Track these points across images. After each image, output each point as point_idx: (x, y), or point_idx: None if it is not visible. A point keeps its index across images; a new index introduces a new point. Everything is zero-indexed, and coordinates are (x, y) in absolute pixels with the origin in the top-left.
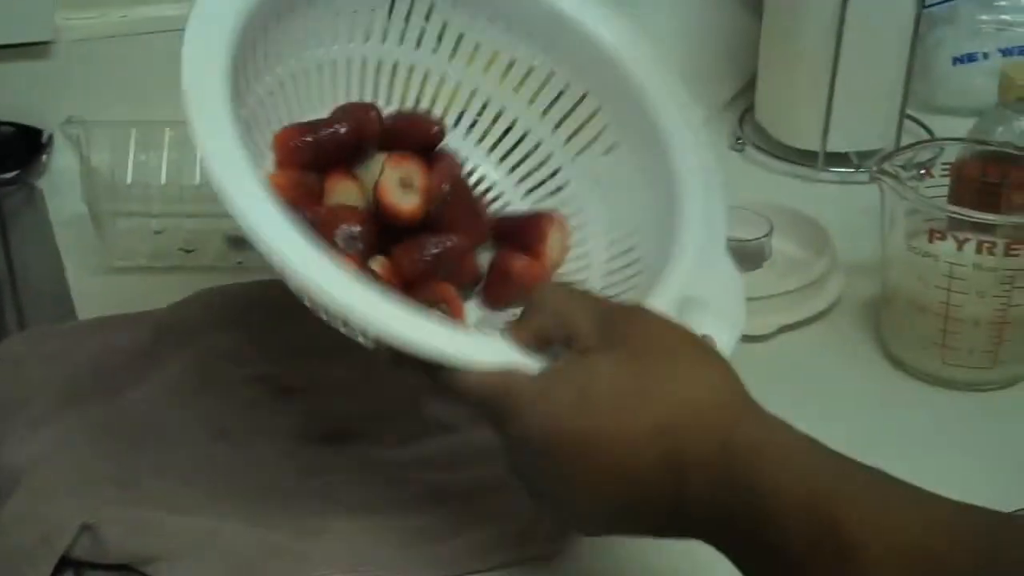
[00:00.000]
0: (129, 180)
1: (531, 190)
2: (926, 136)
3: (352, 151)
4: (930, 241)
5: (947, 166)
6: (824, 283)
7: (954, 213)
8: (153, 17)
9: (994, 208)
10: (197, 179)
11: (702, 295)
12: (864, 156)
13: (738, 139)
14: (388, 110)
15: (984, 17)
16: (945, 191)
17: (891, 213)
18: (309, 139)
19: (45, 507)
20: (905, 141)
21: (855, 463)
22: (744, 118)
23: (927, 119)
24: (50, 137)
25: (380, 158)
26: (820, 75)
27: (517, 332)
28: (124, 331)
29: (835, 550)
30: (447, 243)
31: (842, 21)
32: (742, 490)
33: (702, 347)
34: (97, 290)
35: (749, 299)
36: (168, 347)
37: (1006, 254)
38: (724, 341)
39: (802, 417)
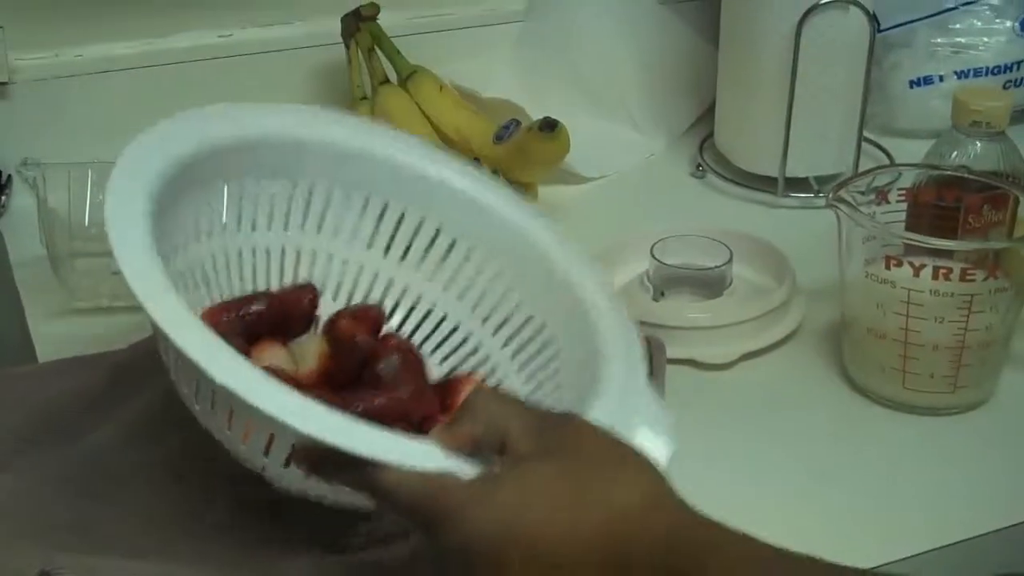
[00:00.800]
0: (87, 220)
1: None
2: (885, 160)
3: (278, 327)
4: (887, 268)
5: (903, 191)
6: (785, 310)
7: (909, 240)
8: (108, 56)
9: (951, 232)
10: None
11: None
12: (823, 181)
13: (699, 166)
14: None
15: (939, 40)
16: (902, 216)
17: (848, 240)
18: (232, 316)
19: (3, 555)
20: (864, 165)
21: (801, 559)
22: (704, 145)
23: (886, 142)
24: (9, 177)
25: (317, 337)
26: (777, 101)
27: (448, 437)
28: (83, 374)
29: None
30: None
31: (797, 47)
32: None
33: (635, 454)
34: (58, 331)
35: (710, 328)
36: (127, 388)
37: (962, 279)
38: (660, 455)
39: (765, 444)
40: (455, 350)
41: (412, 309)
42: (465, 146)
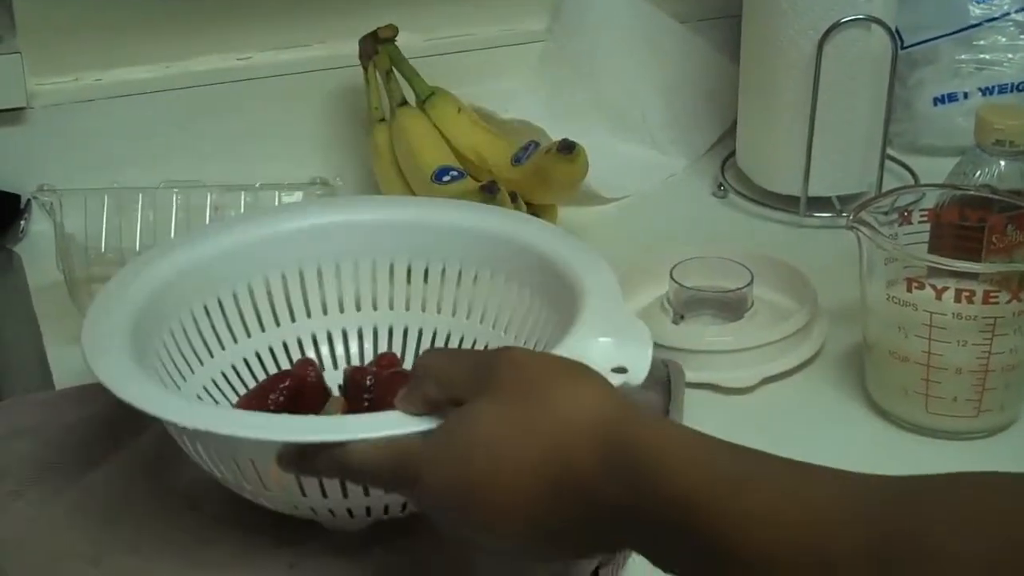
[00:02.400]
0: (104, 246)
1: None
2: (909, 178)
3: (296, 405)
4: (908, 290)
5: (926, 211)
6: (807, 333)
7: (931, 262)
8: (126, 80)
9: (974, 253)
10: None
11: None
12: (846, 200)
13: (720, 186)
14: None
15: (964, 57)
16: (925, 236)
17: (869, 262)
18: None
19: None
20: (888, 183)
21: (744, 449)
22: (726, 164)
23: (910, 160)
24: (28, 202)
25: (337, 398)
26: (799, 120)
27: (405, 402)
28: (100, 401)
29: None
30: None
31: (818, 66)
32: (641, 486)
33: (573, 370)
34: (75, 358)
35: (730, 351)
36: (143, 416)
37: (985, 301)
38: (638, 367)
39: None
40: None
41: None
42: (483, 167)
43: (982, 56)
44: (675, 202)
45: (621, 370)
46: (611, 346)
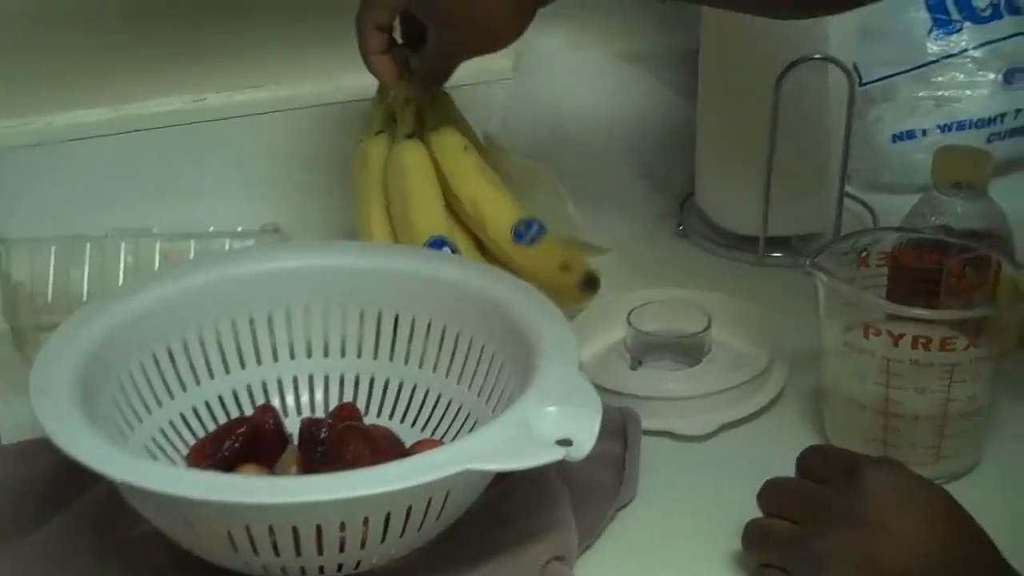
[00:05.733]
0: (50, 295)
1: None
2: (868, 217)
3: (255, 453)
4: (865, 336)
5: (883, 255)
6: (766, 378)
7: (885, 309)
8: (77, 123)
9: (933, 295)
10: None
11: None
12: (806, 240)
13: (680, 226)
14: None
15: (922, 93)
16: (884, 280)
17: (827, 307)
18: (212, 457)
19: None
20: (847, 222)
21: None
22: (686, 204)
23: (869, 197)
24: None
25: (292, 448)
26: (757, 160)
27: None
28: (46, 457)
29: None
30: None
31: (776, 105)
32: None
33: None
34: (22, 411)
35: (688, 398)
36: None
37: (942, 348)
38: (583, 439)
39: (747, 516)
40: (440, 414)
41: (398, 392)
42: (477, 226)
43: (940, 93)
44: (637, 242)
45: (566, 442)
46: (557, 416)
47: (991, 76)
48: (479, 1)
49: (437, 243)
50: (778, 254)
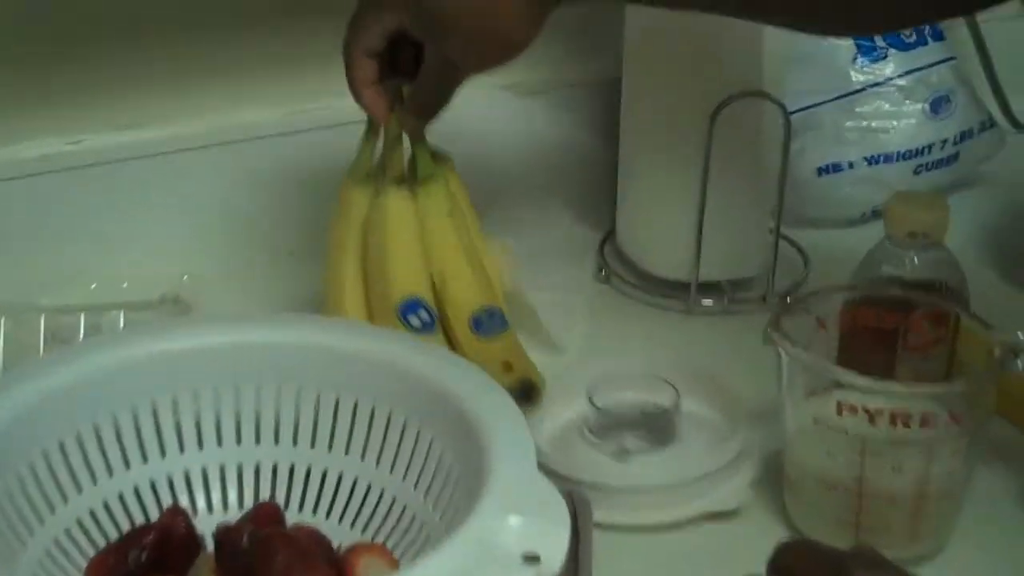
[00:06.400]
0: None
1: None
2: (798, 258)
3: (163, 562)
4: (839, 414)
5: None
6: (741, 459)
7: (876, 389)
8: None
9: (890, 354)
10: None
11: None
12: (737, 285)
13: (601, 269)
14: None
15: (848, 124)
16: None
17: (790, 379)
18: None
19: None
20: (778, 263)
21: None
22: (604, 245)
23: (795, 233)
24: None
25: (206, 555)
26: (687, 200)
27: None
28: None
29: None
30: None
31: (709, 143)
32: None
33: None
34: None
35: (663, 487)
36: None
37: (922, 425)
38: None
39: None
40: (371, 509)
41: (321, 483)
42: (441, 300)
43: (866, 123)
44: (555, 287)
45: (533, 558)
46: (522, 528)
47: (918, 105)
48: (494, 6)
49: (413, 305)
50: (708, 301)
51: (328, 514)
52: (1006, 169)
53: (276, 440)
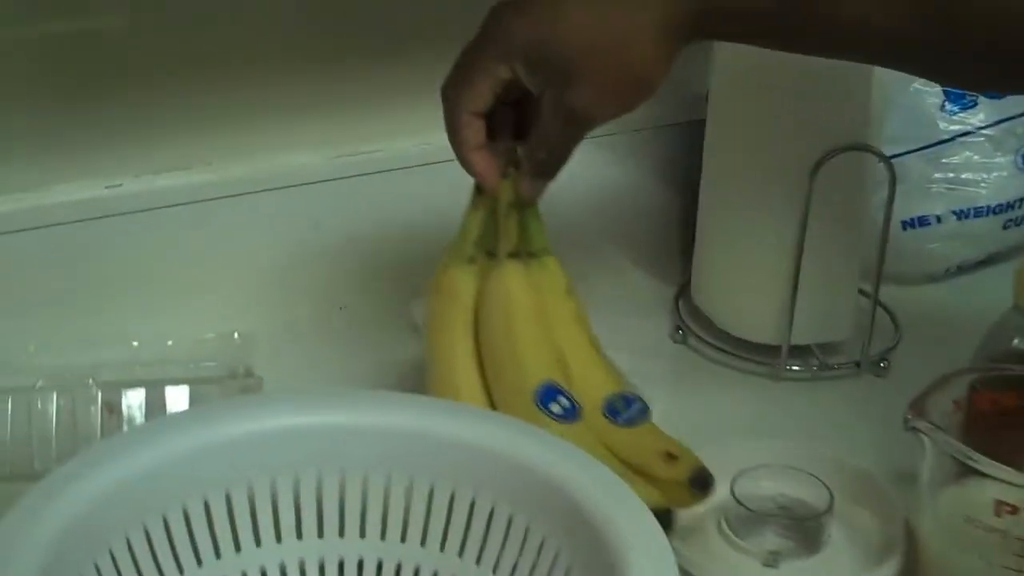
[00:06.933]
0: None
1: None
2: (885, 317)
3: None
4: (997, 515)
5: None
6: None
7: None
8: None
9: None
10: None
11: None
12: (825, 349)
13: (679, 329)
14: None
15: (935, 176)
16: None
17: (936, 473)
18: None
19: None
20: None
21: None
22: (679, 304)
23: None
24: None
25: None
26: (781, 260)
27: None
28: None
29: None
30: None
31: (809, 198)
32: None
33: None
34: None
35: None
36: None
37: None
38: None
39: None
40: None
41: None
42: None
43: (953, 175)
44: (626, 350)
45: None
46: None
47: (1008, 157)
48: (628, 44)
49: (550, 391)
50: (796, 367)
51: None
52: None
53: (382, 535)
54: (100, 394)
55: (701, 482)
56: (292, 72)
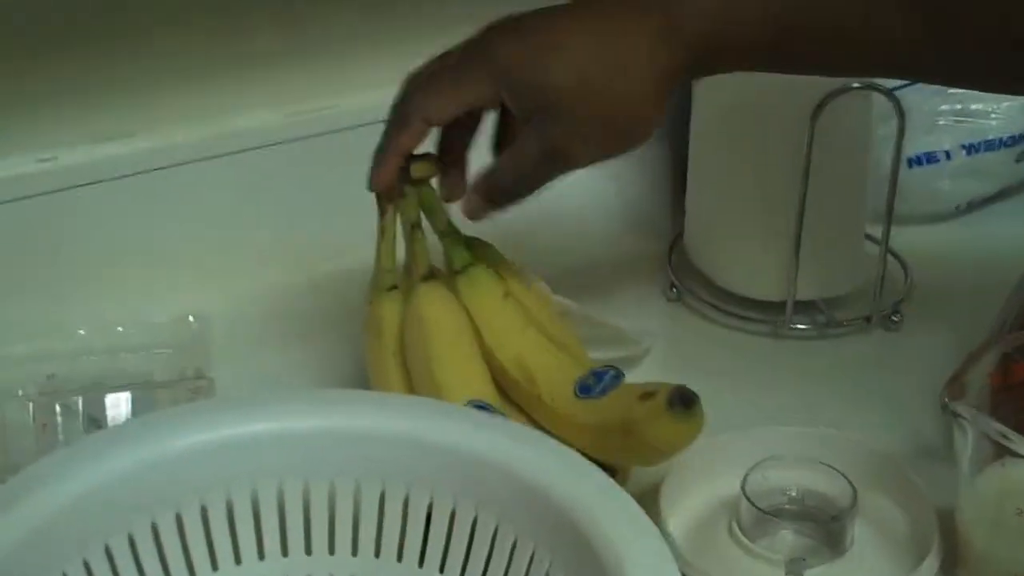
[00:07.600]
0: None
1: None
2: (898, 269)
3: None
4: None
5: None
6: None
7: None
8: None
9: None
10: None
11: None
12: (832, 304)
13: (672, 286)
14: None
15: (942, 108)
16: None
17: (975, 460)
18: None
19: None
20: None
21: None
22: (672, 260)
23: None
24: None
25: None
26: (780, 212)
27: None
28: None
29: None
30: None
31: (810, 144)
32: None
33: None
34: None
35: None
36: None
37: None
38: None
39: None
40: None
41: None
42: (528, 388)
43: (961, 106)
44: (617, 311)
45: None
46: None
47: None
48: (622, 84)
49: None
50: (801, 324)
51: None
52: None
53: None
54: (32, 405)
55: (680, 397)
56: (241, 25)
